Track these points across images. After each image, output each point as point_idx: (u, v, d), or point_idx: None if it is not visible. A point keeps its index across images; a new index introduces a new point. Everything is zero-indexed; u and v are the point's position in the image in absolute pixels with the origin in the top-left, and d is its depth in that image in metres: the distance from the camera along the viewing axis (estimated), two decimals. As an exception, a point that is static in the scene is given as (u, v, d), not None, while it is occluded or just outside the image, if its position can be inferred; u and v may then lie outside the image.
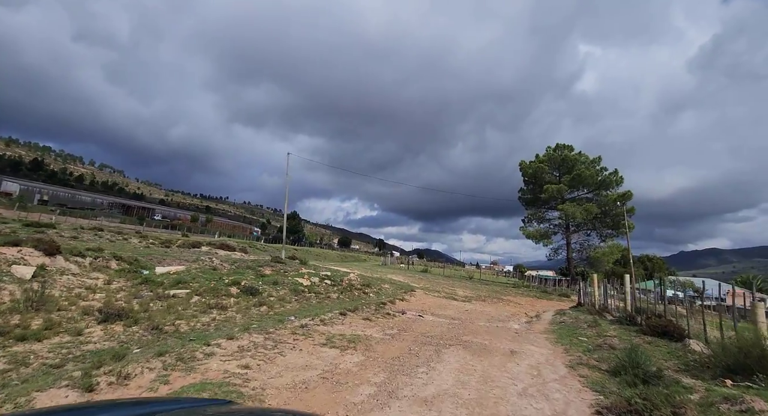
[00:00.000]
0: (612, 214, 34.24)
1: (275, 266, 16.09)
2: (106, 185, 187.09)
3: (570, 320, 11.97)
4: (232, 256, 18.66)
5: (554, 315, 14.63)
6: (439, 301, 16.40)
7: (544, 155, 35.48)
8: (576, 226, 37.15)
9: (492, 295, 23.86)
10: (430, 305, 13.94)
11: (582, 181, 32.41)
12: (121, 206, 78.90)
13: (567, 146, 34.65)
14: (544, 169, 34.48)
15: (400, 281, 24.57)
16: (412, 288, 20.52)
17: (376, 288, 16.92)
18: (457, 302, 17.45)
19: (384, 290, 17.55)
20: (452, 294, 21.18)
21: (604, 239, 35.80)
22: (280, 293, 10.87)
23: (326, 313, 8.81)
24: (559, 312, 15.43)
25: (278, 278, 12.60)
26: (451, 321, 10.51)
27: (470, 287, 27.99)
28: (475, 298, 20.85)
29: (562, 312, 14.84)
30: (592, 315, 12.57)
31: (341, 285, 14.34)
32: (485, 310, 15.22)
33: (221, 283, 10.50)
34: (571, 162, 33.62)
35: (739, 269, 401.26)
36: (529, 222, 38.70)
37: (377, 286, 17.93)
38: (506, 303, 20.71)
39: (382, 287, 18.81)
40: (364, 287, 15.49)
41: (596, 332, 9.02)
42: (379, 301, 12.32)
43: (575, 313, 13.99)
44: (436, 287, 23.97)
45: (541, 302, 24.15)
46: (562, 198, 35.83)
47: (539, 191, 36.58)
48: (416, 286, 23.16)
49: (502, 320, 12.22)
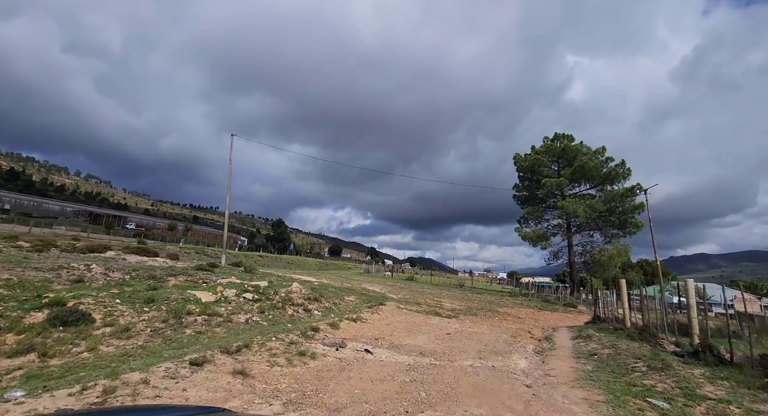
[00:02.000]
0: (618, 211, 30.40)
1: (194, 276, 11.78)
2: (89, 195, 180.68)
3: (603, 348, 7.81)
4: (148, 263, 14.28)
5: (572, 337, 10.47)
6: (414, 319, 12.14)
7: (542, 146, 31.61)
8: (577, 226, 33.26)
9: (485, 307, 19.67)
10: (396, 328, 9.70)
11: (585, 173, 28.54)
12: (89, 214, 73.43)
13: (567, 135, 30.88)
14: (541, 161, 30.53)
15: (375, 292, 20.29)
16: (385, 301, 16.26)
17: (331, 302, 12.65)
18: (439, 318, 13.21)
19: (343, 304, 13.28)
20: (436, 307, 16.95)
21: (609, 241, 31.88)
22: (135, 320, 6.55)
23: (163, 362, 4.52)
24: (577, 332, 11.30)
25: (164, 294, 8.28)
26: (415, 361, 6.28)
27: (460, 297, 23.76)
28: (464, 312, 16.65)
29: (582, 332, 10.71)
30: (634, 340, 8.44)
31: (271, 300, 10.04)
32: (475, 331, 11.01)
33: (24, 306, 6.16)
34: (572, 153, 29.79)
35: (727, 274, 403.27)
36: (525, 223, 34.71)
37: (336, 299, 13.66)
38: (503, 318, 16.53)
39: (345, 300, 14.53)
40: (310, 301, 11.21)
41: (676, 385, 4.85)
42: (313, 325, 8.04)
43: (601, 334, 9.88)
44: (418, 298, 19.71)
45: (545, 314, 20.00)
46: (562, 194, 31.99)
47: (536, 187, 32.69)
48: (392, 297, 18.89)
49: (499, 351, 8.01)
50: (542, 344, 10.22)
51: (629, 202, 29.36)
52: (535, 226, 33.04)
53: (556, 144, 30.91)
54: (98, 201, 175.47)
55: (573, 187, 31.71)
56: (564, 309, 22.43)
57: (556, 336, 11.01)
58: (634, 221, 29.89)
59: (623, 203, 29.57)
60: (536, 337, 11.89)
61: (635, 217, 30.03)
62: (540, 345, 9.99)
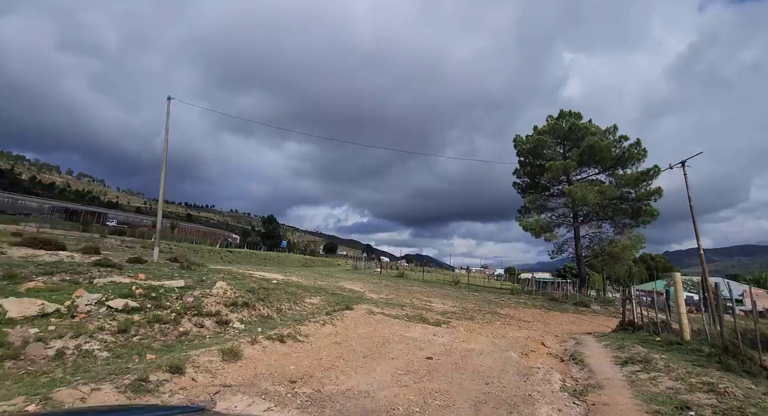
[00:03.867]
0: (632, 198, 27.14)
1: (82, 274, 8.36)
2: (79, 193, 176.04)
3: (692, 392, 4.48)
4: (40, 257, 10.83)
5: (613, 357, 7.12)
6: (385, 329, 8.76)
7: (545, 125, 28.13)
8: (584, 216, 29.97)
9: (483, 308, 16.36)
10: (347, 350, 6.33)
11: (595, 155, 25.16)
12: (65, 211, 69.56)
13: (574, 112, 27.45)
14: (545, 142, 27.03)
15: (353, 291, 16.94)
16: (358, 302, 12.89)
17: (276, 308, 9.27)
18: (422, 327, 9.86)
19: (295, 310, 9.91)
20: (423, 310, 13.60)
21: (620, 231, 28.59)
22: None
23: None
24: (615, 346, 8.00)
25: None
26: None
27: (454, 296, 20.45)
28: (457, 315, 13.30)
29: (626, 349, 7.40)
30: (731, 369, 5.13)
31: (164, 309, 6.64)
32: (471, 348, 7.67)
33: None
34: (580, 133, 26.36)
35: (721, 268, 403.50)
36: (526, 213, 31.38)
37: (287, 303, 10.29)
38: (505, 322, 13.21)
39: (303, 303, 11.16)
40: (236, 308, 7.82)
41: None
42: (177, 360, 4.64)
43: (659, 353, 6.58)
44: (403, 299, 16.36)
45: (555, 316, 16.72)
46: (569, 180, 28.66)
47: (539, 172, 29.31)
48: (371, 297, 15.53)
49: (511, 397, 4.67)
50: (570, 368, 6.89)
51: (644, 187, 26.09)
52: (538, 216, 29.69)
53: (561, 123, 27.45)
54: (88, 200, 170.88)
55: (580, 171, 28.36)
56: (575, 309, 19.18)
57: (586, 354, 7.66)
58: (649, 208, 26.64)
59: (637, 189, 26.29)
60: (556, 353, 8.56)
61: (650, 204, 26.80)
62: (568, 371, 6.66)
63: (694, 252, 36.59)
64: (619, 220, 28.37)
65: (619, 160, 25.96)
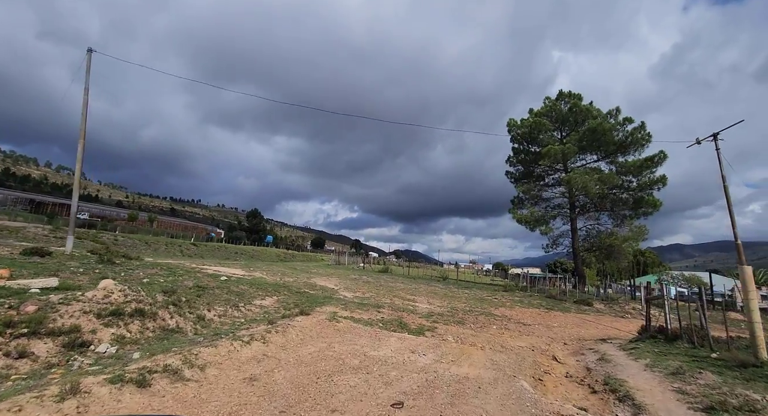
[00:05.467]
0: (632, 187, 25.15)
1: None
2: (57, 186, 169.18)
3: None
4: None
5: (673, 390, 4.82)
6: (344, 348, 6.29)
7: (542, 107, 25.82)
8: (581, 207, 27.94)
9: (475, 308, 14.05)
10: (270, 389, 3.88)
11: (597, 139, 22.97)
12: (29, 202, 65.15)
13: (575, 94, 25.21)
14: (542, 126, 24.69)
15: (324, 288, 14.45)
16: (324, 303, 10.42)
17: (197, 314, 6.75)
18: (398, 338, 7.46)
19: (230, 316, 7.41)
20: (405, 311, 11.21)
21: (619, 223, 26.64)
22: None
23: None
24: (661, 366, 5.71)
25: None
26: None
27: (442, 293, 18.13)
28: (445, 317, 10.95)
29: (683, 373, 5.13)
30: None
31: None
32: (466, 375, 5.29)
33: None
34: (581, 115, 24.14)
35: (700, 263, 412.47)
36: (519, 204, 29.22)
37: (224, 306, 7.78)
38: (503, 326, 10.91)
39: (249, 305, 8.66)
40: (130, 319, 5.31)
41: None
42: None
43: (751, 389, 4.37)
44: (382, 298, 13.95)
45: (556, 316, 14.53)
46: (566, 167, 26.56)
47: (534, 159, 27.14)
48: (344, 296, 13.06)
49: None
50: (610, 406, 4.58)
51: (647, 175, 24.11)
52: (532, 207, 27.55)
53: (560, 105, 25.19)
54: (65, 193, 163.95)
55: (580, 156, 26.24)
56: (577, 309, 17.06)
57: (628, 382, 5.33)
58: (651, 199, 24.66)
59: (640, 177, 24.30)
60: (577, 375, 6.27)
61: (653, 194, 24.85)
62: (606, 411, 4.36)
63: (675, 248, 34.02)
64: (618, 211, 26.39)
65: (622, 145, 23.87)
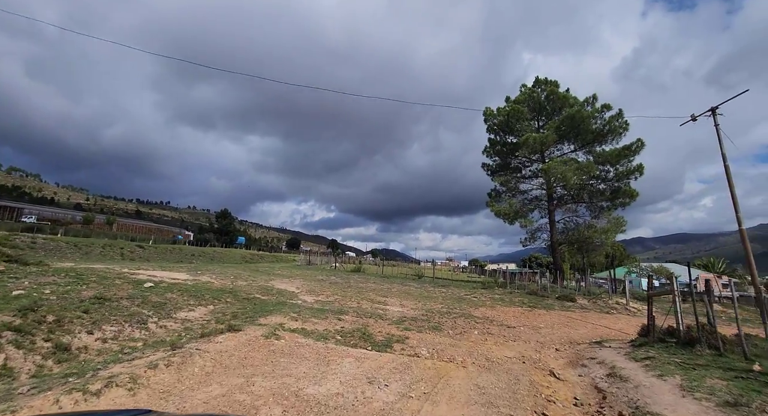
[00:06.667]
0: (610, 178, 24.52)
1: None
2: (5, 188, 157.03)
3: None
4: None
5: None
6: (269, 383, 4.47)
7: (519, 95, 24.78)
8: (559, 199, 27.16)
9: (453, 309, 12.51)
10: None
11: (575, 126, 22.08)
12: (-33, 206, 59.00)
13: (552, 81, 24.29)
14: (520, 113, 23.56)
15: (282, 292, 12.50)
16: (271, 311, 8.52)
17: (68, 341, 4.74)
18: (356, 359, 5.70)
19: (144, 335, 5.41)
20: (372, 317, 9.47)
21: (597, 215, 26.01)
22: None
23: None
24: (690, 383, 4.29)
25: None
26: None
27: (417, 293, 16.52)
28: (419, 322, 9.30)
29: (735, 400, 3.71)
30: None
31: None
32: None
33: None
34: (558, 102, 23.23)
35: (660, 255, 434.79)
36: (497, 196, 28.15)
37: (129, 323, 5.74)
38: (485, 331, 9.37)
39: (169, 319, 6.63)
40: None
41: None
42: None
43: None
44: (348, 301, 12.15)
45: (541, 315, 13.20)
46: (543, 158, 25.64)
47: (511, 150, 26.08)
48: (304, 301, 11.17)
49: None
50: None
51: (625, 164, 23.49)
52: (511, 199, 26.50)
53: (537, 92, 24.19)
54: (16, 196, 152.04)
55: (555, 149, 25.42)
56: (561, 305, 15.88)
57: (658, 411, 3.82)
58: (628, 189, 24.10)
59: (618, 166, 23.65)
60: (585, 398, 4.75)
61: (629, 184, 24.30)
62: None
63: (637, 241, 34.10)
64: (596, 202, 25.73)
65: (599, 134, 23.10)
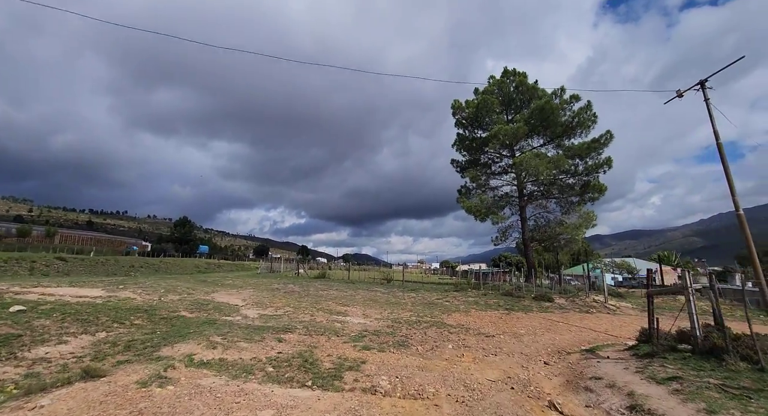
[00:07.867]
0: (579, 172, 24.01)
1: None
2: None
3: None
4: None
5: None
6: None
7: (488, 86, 23.86)
8: (529, 195, 26.46)
9: (424, 317, 10.86)
10: None
11: (545, 118, 21.33)
12: None
13: (520, 72, 23.51)
14: (491, 104, 22.52)
15: (221, 305, 10.34)
16: (187, 336, 6.46)
17: None
18: (279, 407, 3.91)
19: None
20: (326, 333, 7.57)
21: (567, 210, 25.48)
22: None
23: None
24: None
25: None
26: None
27: (383, 300, 14.76)
28: (383, 336, 7.53)
29: None
30: None
31: None
32: None
33: None
34: (528, 94, 22.48)
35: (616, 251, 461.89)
36: (467, 193, 27.06)
37: None
38: (461, 344, 7.76)
39: (10, 360, 4.42)
40: None
41: None
42: None
43: None
44: (301, 314, 10.19)
45: (521, 319, 11.81)
46: (512, 153, 24.82)
47: (480, 146, 25.09)
48: (243, 316, 9.09)
49: None
50: None
51: (594, 158, 23.03)
52: (482, 194, 25.46)
53: (506, 83, 23.33)
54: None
55: (525, 144, 24.65)
56: (539, 307, 14.66)
57: None
58: (596, 183, 23.66)
59: (587, 160, 23.16)
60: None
61: (598, 178, 23.89)
62: None
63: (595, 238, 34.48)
64: (566, 197, 25.18)
65: (568, 127, 22.50)
